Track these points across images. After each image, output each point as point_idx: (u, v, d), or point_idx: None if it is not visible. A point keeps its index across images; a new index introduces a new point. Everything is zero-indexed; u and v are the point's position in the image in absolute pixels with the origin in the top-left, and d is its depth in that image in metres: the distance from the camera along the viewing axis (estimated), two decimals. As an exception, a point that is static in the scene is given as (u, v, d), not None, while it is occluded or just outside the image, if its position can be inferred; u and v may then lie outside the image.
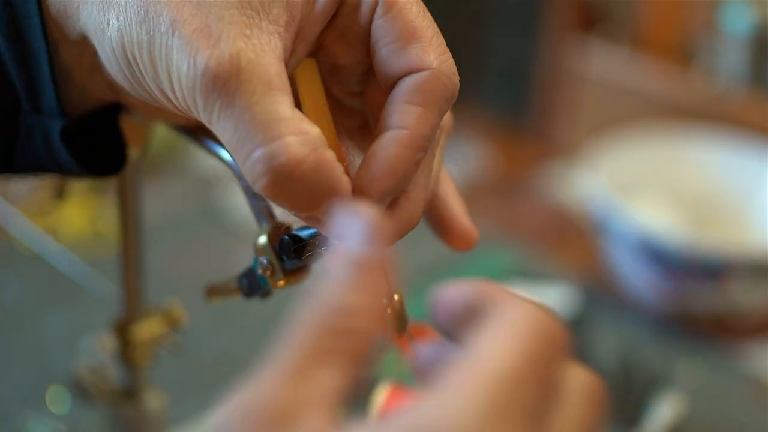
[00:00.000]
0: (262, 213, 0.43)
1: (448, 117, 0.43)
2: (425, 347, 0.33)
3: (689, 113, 1.24)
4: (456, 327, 0.31)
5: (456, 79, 0.38)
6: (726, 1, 1.25)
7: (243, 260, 0.45)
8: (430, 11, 0.39)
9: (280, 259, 0.41)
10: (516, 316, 0.29)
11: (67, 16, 0.38)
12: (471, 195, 1.30)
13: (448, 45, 0.39)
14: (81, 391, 0.64)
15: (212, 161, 0.47)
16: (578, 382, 0.31)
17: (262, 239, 0.42)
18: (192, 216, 1.19)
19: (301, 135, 0.34)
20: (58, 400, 0.82)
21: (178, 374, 0.84)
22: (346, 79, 0.41)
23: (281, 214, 0.42)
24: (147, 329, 0.60)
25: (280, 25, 0.36)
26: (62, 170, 0.44)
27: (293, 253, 0.41)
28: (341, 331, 0.28)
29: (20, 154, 0.42)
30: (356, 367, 0.28)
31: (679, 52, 1.32)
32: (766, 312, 1.02)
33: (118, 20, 0.36)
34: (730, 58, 1.25)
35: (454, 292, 0.31)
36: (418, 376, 0.33)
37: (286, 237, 0.41)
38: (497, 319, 0.29)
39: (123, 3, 0.36)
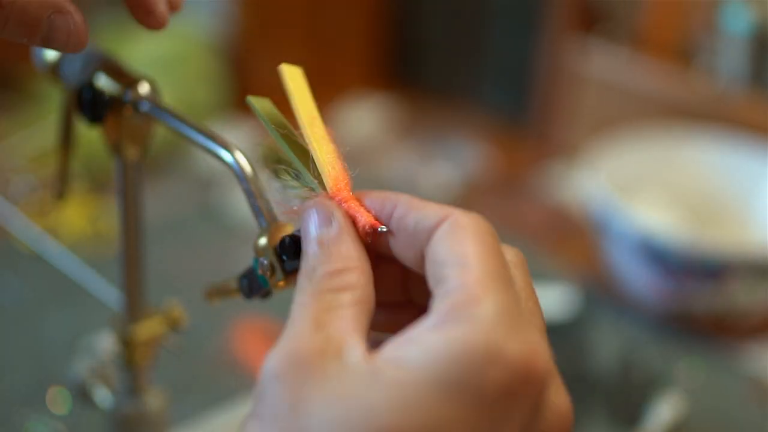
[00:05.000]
0: (263, 214, 0.43)
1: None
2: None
3: (689, 113, 1.24)
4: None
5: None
6: (726, 1, 1.25)
7: (243, 260, 0.45)
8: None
9: (281, 260, 0.41)
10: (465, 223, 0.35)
11: None
12: (471, 195, 1.30)
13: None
14: (81, 391, 0.64)
15: (212, 161, 0.47)
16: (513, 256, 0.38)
17: (263, 240, 0.42)
18: (192, 216, 1.19)
19: None
20: (58, 400, 0.82)
21: (178, 374, 0.84)
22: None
23: (282, 215, 0.42)
24: (147, 329, 0.60)
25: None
26: None
27: (293, 253, 0.41)
28: (336, 288, 0.36)
29: None
30: (360, 311, 0.35)
31: (679, 52, 1.32)
32: (766, 312, 1.02)
33: None
34: (730, 58, 1.25)
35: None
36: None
37: (287, 238, 0.41)
38: (452, 233, 0.35)
39: None
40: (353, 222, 0.38)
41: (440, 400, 0.31)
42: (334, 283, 0.36)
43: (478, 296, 0.33)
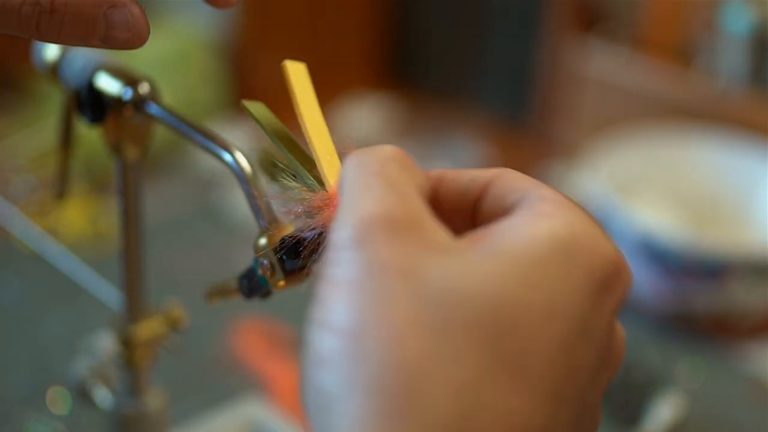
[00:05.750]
0: (263, 213, 0.43)
1: None
2: None
3: (689, 113, 1.24)
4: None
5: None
6: (726, 1, 1.25)
7: (243, 260, 0.45)
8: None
9: (281, 260, 0.41)
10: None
11: None
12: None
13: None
14: (81, 391, 0.64)
15: (212, 161, 0.47)
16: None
17: (263, 240, 0.42)
18: (192, 216, 1.18)
19: None
20: (58, 400, 0.82)
21: (178, 374, 0.84)
22: None
23: (282, 214, 0.42)
24: (147, 329, 0.60)
25: None
26: None
27: (293, 253, 0.41)
28: (409, 166, 0.34)
29: None
30: (422, 183, 0.34)
31: (679, 52, 1.32)
32: (766, 312, 1.02)
33: None
34: (730, 58, 1.25)
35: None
36: None
37: (287, 238, 0.41)
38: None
39: None
40: None
41: (559, 278, 0.30)
42: (406, 160, 0.35)
43: (563, 202, 0.33)
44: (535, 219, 0.32)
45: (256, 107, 0.42)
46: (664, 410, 0.86)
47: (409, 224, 0.31)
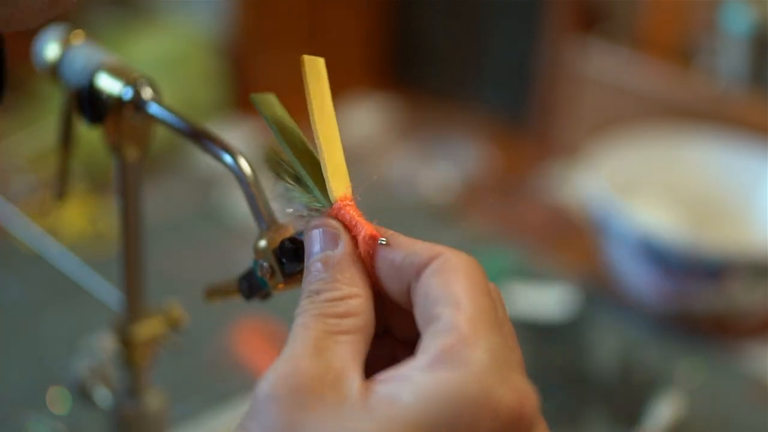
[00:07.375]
0: (263, 216, 0.43)
1: None
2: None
3: (689, 113, 1.24)
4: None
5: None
6: (726, 1, 1.25)
7: (243, 260, 0.45)
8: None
9: (280, 262, 0.41)
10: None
11: None
12: (471, 195, 1.30)
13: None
14: (81, 391, 0.64)
15: (212, 161, 0.47)
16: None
17: (263, 242, 0.42)
18: (192, 216, 1.18)
19: None
20: (58, 400, 0.82)
21: (178, 374, 0.84)
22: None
23: (282, 217, 0.42)
24: (147, 329, 0.60)
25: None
26: None
27: (293, 256, 0.41)
28: (339, 314, 0.36)
29: None
30: (360, 338, 0.36)
31: (679, 52, 1.32)
32: (766, 312, 1.02)
33: None
34: (730, 58, 1.25)
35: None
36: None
37: (287, 240, 0.41)
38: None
39: None
40: (352, 231, 0.38)
41: None
42: (338, 308, 0.36)
43: (471, 339, 0.33)
44: (428, 372, 0.33)
45: (267, 100, 0.42)
46: (664, 410, 0.86)
47: (311, 382, 0.33)
